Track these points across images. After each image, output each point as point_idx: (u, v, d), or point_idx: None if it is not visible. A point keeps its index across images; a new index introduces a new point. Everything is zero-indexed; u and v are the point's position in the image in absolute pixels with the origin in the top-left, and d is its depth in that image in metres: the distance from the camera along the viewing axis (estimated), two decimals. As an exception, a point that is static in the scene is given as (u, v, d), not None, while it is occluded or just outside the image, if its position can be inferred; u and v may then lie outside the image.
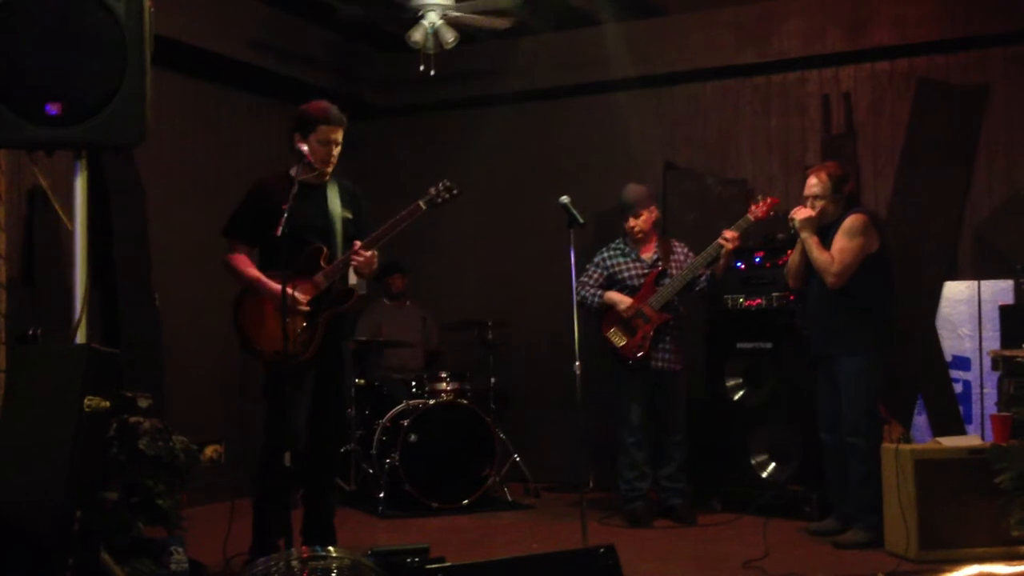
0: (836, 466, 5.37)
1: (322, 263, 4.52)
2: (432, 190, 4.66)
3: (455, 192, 4.65)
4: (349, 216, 4.68)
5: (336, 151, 4.61)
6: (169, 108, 6.31)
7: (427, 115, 8.21)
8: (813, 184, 5.36)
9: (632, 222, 6.02)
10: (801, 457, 5.97)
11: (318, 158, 4.55)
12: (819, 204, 5.32)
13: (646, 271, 5.97)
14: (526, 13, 6.57)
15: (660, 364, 5.89)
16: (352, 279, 4.84)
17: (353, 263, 4.51)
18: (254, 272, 4.55)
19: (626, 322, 5.88)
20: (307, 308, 4.46)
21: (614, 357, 5.92)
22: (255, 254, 4.69)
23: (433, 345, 7.59)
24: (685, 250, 6.06)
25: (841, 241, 5.21)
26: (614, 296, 5.93)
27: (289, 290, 4.23)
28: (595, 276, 6.04)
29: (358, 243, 4.52)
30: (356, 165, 8.26)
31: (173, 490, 3.76)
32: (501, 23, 6.49)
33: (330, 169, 4.62)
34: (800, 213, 5.33)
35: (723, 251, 5.71)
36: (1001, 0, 6.33)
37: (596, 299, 5.96)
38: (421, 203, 4.61)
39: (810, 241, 5.27)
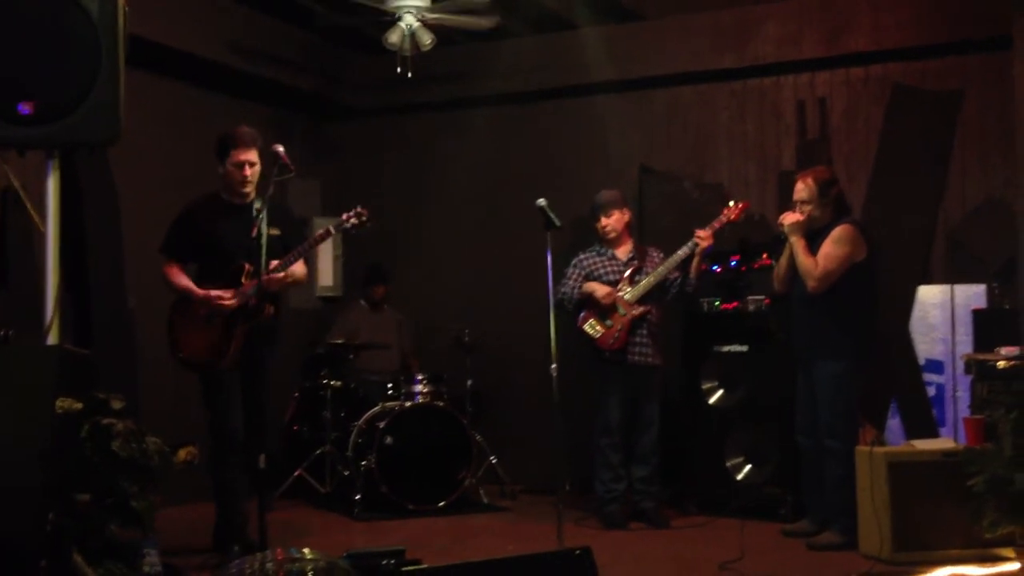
0: (812, 469, 5.40)
1: (243, 280, 4.85)
2: (344, 215, 5.02)
3: (365, 220, 4.99)
4: (276, 233, 4.86)
5: (251, 171, 4.89)
6: (145, 109, 6.24)
7: (405, 117, 8.20)
8: (800, 189, 5.41)
9: (604, 221, 6.05)
10: (776, 460, 6.00)
11: (235, 180, 4.90)
12: (807, 208, 5.36)
13: (622, 268, 6.00)
14: (505, 16, 6.57)
15: (637, 358, 5.90)
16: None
17: (263, 281, 4.73)
18: (184, 281, 4.94)
19: (602, 315, 5.90)
20: (231, 303, 4.81)
21: (592, 352, 5.94)
22: (191, 269, 5.06)
23: (409, 352, 7.58)
24: (661, 254, 6.09)
25: (828, 247, 5.25)
26: (592, 284, 5.95)
27: (214, 292, 4.82)
28: (573, 275, 6.07)
29: (273, 263, 4.79)
30: (334, 166, 8.29)
31: (146, 492, 3.73)
32: (483, 22, 6.45)
33: (248, 189, 4.91)
34: (789, 217, 5.38)
35: (697, 249, 5.76)
36: (975, 7, 6.38)
37: (575, 291, 5.98)
38: (331, 227, 4.97)
39: (798, 245, 5.31)
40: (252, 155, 4.90)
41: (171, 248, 5.06)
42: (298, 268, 5.00)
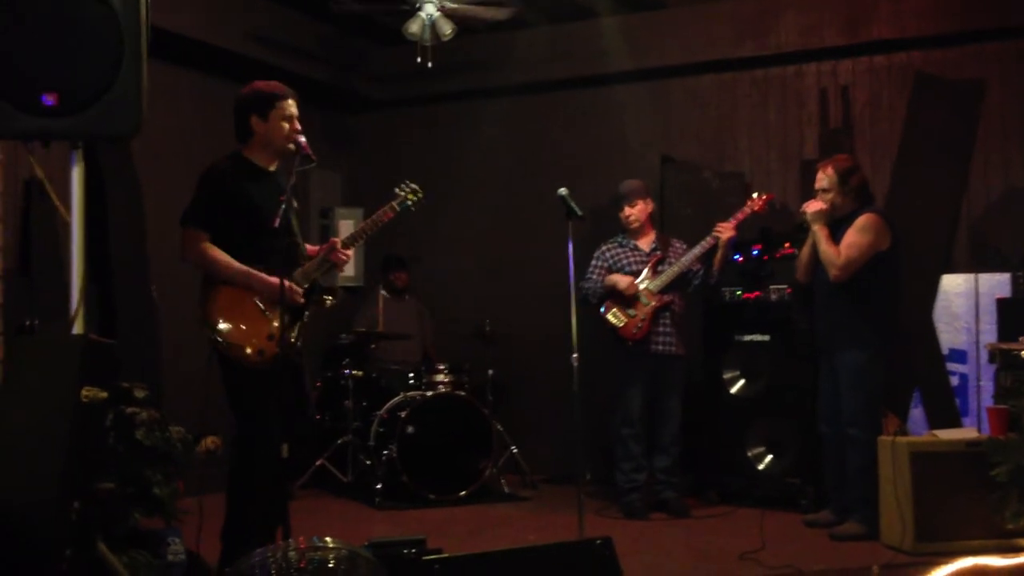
0: (834, 459, 5.39)
1: (299, 260, 4.25)
2: (399, 191, 4.53)
3: (420, 195, 4.53)
4: (295, 204, 4.30)
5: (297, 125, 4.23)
6: (166, 100, 6.28)
7: (424, 108, 8.21)
8: (821, 178, 5.40)
9: (628, 211, 6.06)
10: (798, 450, 5.99)
11: (283, 135, 4.19)
12: (828, 197, 5.35)
13: (645, 258, 6.00)
14: (523, 6, 6.57)
15: (661, 348, 5.91)
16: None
17: (333, 260, 4.27)
18: (241, 265, 4.10)
19: (625, 304, 5.90)
20: (303, 301, 4.18)
21: (614, 341, 5.94)
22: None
23: (429, 343, 7.59)
24: (683, 245, 6.08)
25: (851, 236, 5.23)
26: (615, 276, 5.97)
27: (286, 282, 3.92)
28: (596, 269, 6.08)
29: (337, 240, 4.30)
30: (353, 158, 8.31)
31: (170, 481, 3.76)
32: (499, 14, 6.47)
33: (292, 146, 4.18)
34: (812, 206, 5.37)
35: (720, 241, 5.76)
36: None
37: (599, 285, 5.98)
38: (395, 204, 4.46)
39: (820, 234, 5.30)
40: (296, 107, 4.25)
41: (202, 217, 4.14)
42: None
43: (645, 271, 5.94)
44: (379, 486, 6.32)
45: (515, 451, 6.97)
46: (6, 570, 3.09)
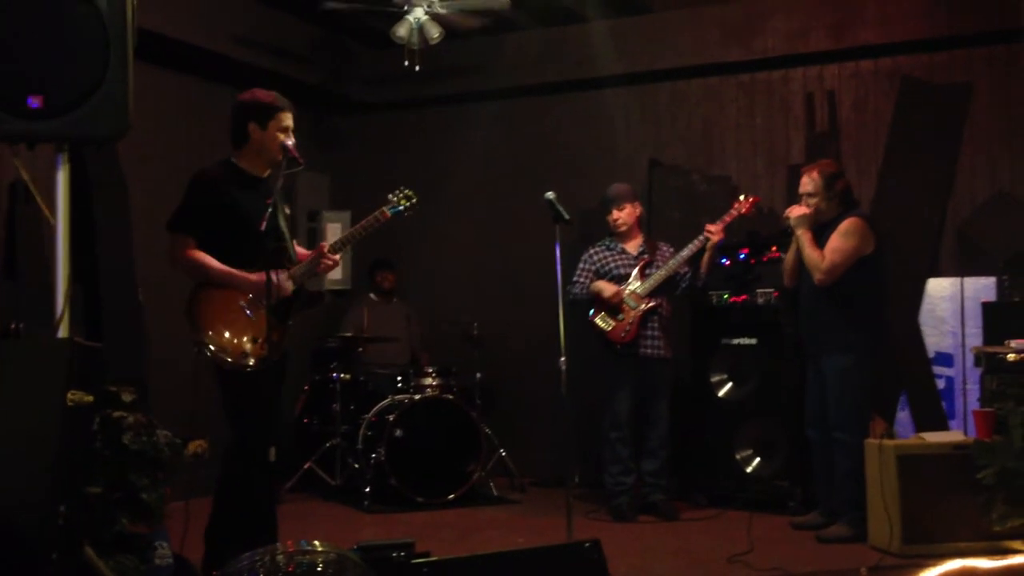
0: (823, 462, 5.40)
1: (286, 263, 4.25)
2: (392, 197, 4.56)
3: (414, 201, 4.58)
4: (287, 211, 4.38)
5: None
6: (153, 103, 6.27)
7: (413, 111, 8.20)
8: (806, 183, 5.42)
9: (616, 214, 6.07)
10: (786, 452, 6.00)
11: (276, 147, 4.20)
12: (813, 202, 5.37)
13: (633, 262, 6.00)
14: (512, 9, 6.57)
15: (649, 351, 5.91)
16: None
17: (320, 266, 4.30)
18: (226, 267, 4.13)
19: (613, 308, 5.91)
20: (290, 293, 4.19)
21: (602, 344, 5.94)
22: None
23: (416, 346, 7.59)
24: (671, 249, 6.09)
25: (835, 241, 5.25)
26: (600, 284, 5.97)
27: (273, 277, 3.95)
28: (583, 273, 6.08)
29: (325, 244, 4.33)
30: (341, 160, 8.30)
31: (157, 485, 3.74)
32: (472, 22, 6.47)
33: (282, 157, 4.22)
34: (795, 211, 5.38)
35: (708, 244, 5.77)
36: (984, -1, 6.38)
37: (584, 291, 6.00)
38: (386, 209, 4.49)
39: (804, 238, 5.31)
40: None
41: (189, 223, 4.17)
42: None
43: (633, 274, 5.95)
44: (367, 489, 6.31)
45: (503, 454, 6.97)
46: (-8, 574, 3.07)
